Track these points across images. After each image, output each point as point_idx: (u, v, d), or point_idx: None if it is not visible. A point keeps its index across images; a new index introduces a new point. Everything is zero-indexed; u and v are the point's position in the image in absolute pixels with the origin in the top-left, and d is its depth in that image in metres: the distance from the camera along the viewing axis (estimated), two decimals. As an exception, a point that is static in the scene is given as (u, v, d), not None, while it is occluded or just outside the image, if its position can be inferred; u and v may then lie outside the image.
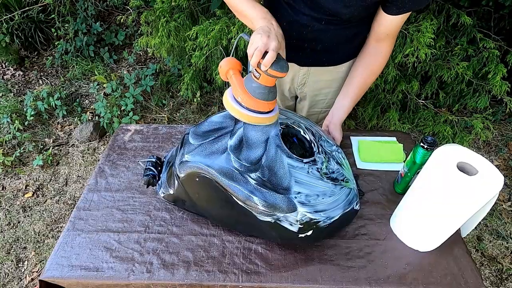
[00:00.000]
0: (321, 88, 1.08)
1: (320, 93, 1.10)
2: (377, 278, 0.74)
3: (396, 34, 0.87)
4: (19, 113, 2.30)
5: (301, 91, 1.11)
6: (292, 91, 1.14)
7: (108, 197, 0.91)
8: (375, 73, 0.94)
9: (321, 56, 0.97)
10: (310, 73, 1.04)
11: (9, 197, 1.88)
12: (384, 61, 0.92)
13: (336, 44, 0.94)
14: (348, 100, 0.97)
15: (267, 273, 0.75)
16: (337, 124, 0.98)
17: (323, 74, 1.04)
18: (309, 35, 0.90)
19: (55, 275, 0.75)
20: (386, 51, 0.90)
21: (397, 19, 0.81)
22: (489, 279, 1.51)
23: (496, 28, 1.82)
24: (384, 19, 0.82)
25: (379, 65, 0.92)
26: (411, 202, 0.78)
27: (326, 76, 1.04)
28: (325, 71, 1.02)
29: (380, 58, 0.91)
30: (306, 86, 1.08)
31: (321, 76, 1.04)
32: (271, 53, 0.63)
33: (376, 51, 0.90)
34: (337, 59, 1.00)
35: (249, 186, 0.66)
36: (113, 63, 2.71)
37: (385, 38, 0.87)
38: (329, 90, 1.08)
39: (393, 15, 0.80)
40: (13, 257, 1.61)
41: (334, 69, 1.02)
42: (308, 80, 1.06)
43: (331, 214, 0.69)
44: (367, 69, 0.93)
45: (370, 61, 0.92)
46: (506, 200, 1.82)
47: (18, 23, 2.54)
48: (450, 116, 1.82)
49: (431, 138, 0.81)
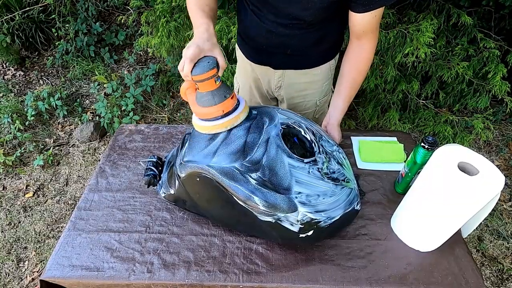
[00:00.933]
0: (298, 91, 1.09)
1: (298, 95, 1.10)
2: (378, 278, 0.74)
3: (373, 29, 0.85)
4: (20, 113, 2.30)
5: (278, 93, 1.12)
6: (270, 93, 1.15)
7: (108, 197, 0.91)
8: (363, 70, 0.93)
9: (292, 59, 0.99)
10: (285, 76, 1.05)
11: (10, 197, 1.88)
12: (369, 57, 0.91)
13: (305, 48, 0.95)
14: (341, 100, 0.97)
15: (268, 273, 0.75)
16: (334, 124, 0.98)
17: (298, 77, 1.05)
18: (276, 40, 0.92)
19: (56, 275, 0.75)
20: (368, 47, 0.89)
21: (368, 16, 0.80)
22: (490, 279, 1.51)
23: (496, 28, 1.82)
24: (355, 18, 0.82)
25: (365, 62, 0.91)
26: (412, 202, 0.78)
27: (301, 79, 1.05)
28: (300, 73, 1.03)
29: (364, 54, 0.90)
30: (282, 89, 1.09)
31: (296, 79, 1.05)
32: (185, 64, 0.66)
33: (360, 49, 0.89)
34: (309, 63, 1.01)
35: (250, 186, 0.66)
36: (113, 63, 2.71)
37: (363, 35, 0.86)
38: (306, 92, 1.09)
39: (361, 13, 0.80)
40: (14, 257, 1.61)
41: (310, 72, 1.03)
42: (284, 83, 1.07)
43: (332, 214, 0.69)
44: (354, 68, 0.93)
45: (355, 59, 0.92)
46: (507, 200, 1.82)
47: (19, 23, 2.54)
48: (450, 116, 1.82)
49: (431, 138, 0.81)
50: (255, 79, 1.11)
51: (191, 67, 0.67)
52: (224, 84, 0.71)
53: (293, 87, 1.07)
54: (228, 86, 0.72)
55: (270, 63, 1.02)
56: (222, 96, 0.69)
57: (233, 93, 0.72)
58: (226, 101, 0.70)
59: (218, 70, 0.68)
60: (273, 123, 0.75)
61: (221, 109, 0.69)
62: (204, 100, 0.70)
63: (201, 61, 0.67)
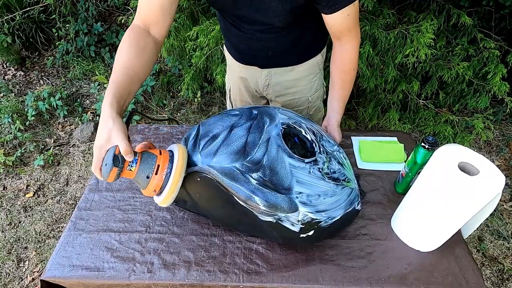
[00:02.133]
0: (286, 88, 1.09)
1: (287, 93, 1.11)
2: (378, 278, 0.74)
3: (350, 28, 0.83)
4: (20, 113, 2.30)
5: (267, 92, 1.12)
6: (259, 92, 1.15)
7: (109, 197, 0.91)
8: (349, 70, 0.92)
9: (275, 60, 1.01)
10: (271, 74, 1.06)
11: (10, 197, 1.88)
12: (352, 55, 0.90)
13: (284, 49, 0.97)
14: (336, 101, 0.98)
15: (268, 273, 0.75)
16: (334, 125, 1.00)
17: (284, 74, 1.06)
18: (257, 45, 0.95)
19: (56, 275, 0.75)
20: (350, 46, 0.88)
21: (338, 16, 0.79)
22: (490, 279, 1.51)
23: (497, 28, 1.82)
24: (327, 20, 0.82)
25: (349, 61, 0.91)
26: (412, 202, 0.78)
27: (288, 76, 1.06)
28: (286, 70, 1.04)
29: (346, 54, 0.90)
30: (270, 87, 1.09)
31: (283, 77, 1.06)
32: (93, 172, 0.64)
33: (341, 49, 0.89)
34: (292, 61, 1.02)
35: (251, 186, 0.66)
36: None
37: (341, 35, 0.86)
38: (295, 89, 1.09)
39: (329, 14, 0.79)
40: (14, 257, 1.61)
41: (295, 68, 1.04)
42: (271, 81, 1.07)
43: (332, 214, 0.69)
44: (340, 69, 0.93)
45: (339, 60, 0.92)
46: (507, 200, 1.82)
47: (19, 24, 2.54)
48: (450, 116, 1.82)
49: (432, 138, 0.81)
50: (243, 79, 1.12)
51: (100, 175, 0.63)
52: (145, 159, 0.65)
53: (281, 84, 1.08)
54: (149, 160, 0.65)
55: (256, 63, 1.04)
56: (145, 179, 0.65)
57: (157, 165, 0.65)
58: (151, 181, 0.65)
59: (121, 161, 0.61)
60: (273, 123, 0.75)
61: (151, 189, 0.66)
62: (138, 184, 0.67)
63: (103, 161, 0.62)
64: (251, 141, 0.71)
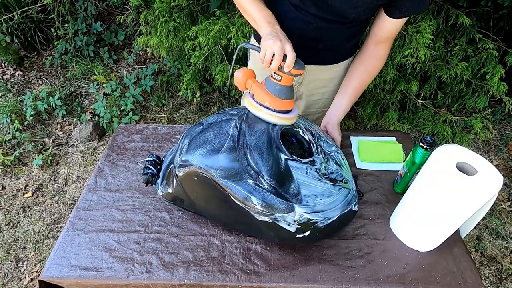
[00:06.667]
0: (318, 88, 1.09)
1: (317, 93, 1.10)
2: (376, 278, 0.74)
3: (394, 36, 0.89)
4: (19, 113, 2.30)
5: (298, 90, 1.11)
6: None
7: (107, 197, 0.91)
8: (374, 75, 0.96)
9: (321, 54, 0.99)
10: (308, 72, 1.04)
11: (9, 197, 1.88)
12: (382, 63, 0.95)
13: (337, 43, 0.96)
14: (346, 100, 0.98)
15: (267, 273, 0.75)
16: (335, 124, 0.98)
17: (320, 73, 1.04)
18: (312, 34, 0.91)
19: (54, 275, 0.75)
20: (384, 54, 0.93)
21: (399, 22, 0.84)
22: (489, 279, 1.51)
23: (495, 29, 1.82)
24: (387, 23, 0.85)
25: (378, 67, 0.95)
26: (410, 202, 0.78)
27: (323, 75, 1.05)
28: (323, 69, 1.03)
29: (379, 60, 0.94)
30: (303, 85, 1.08)
31: (318, 75, 1.05)
32: (291, 54, 0.68)
33: (376, 54, 0.92)
34: (336, 58, 1.02)
35: (247, 186, 0.66)
36: (112, 63, 2.71)
37: (385, 41, 0.90)
38: (326, 89, 1.09)
39: (396, 18, 0.83)
40: (13, 257, 1.61)
41: (332, 68, 1.03)
42: (306, 79, 1.06)
43: (329, 214, 0.69)
44: (366, 71, 0.95)
45: (369, 63, 0.94)
46: (506, 200, 1.82)
47: (18, 23, 2.54)
48: (449, 116, 1.83)
49: (430, 138, 0.81)
50: None
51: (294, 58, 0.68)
52: None
53: (315, 83, 1.07)
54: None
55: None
56: (294, 93, 0.75)
57: None
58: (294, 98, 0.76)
59: None
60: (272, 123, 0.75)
61: (294, 103, 0.76)
62: (284, 93, 0.73)
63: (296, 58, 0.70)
64: (248, 141, 0.71)
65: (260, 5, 0.82)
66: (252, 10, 0.82)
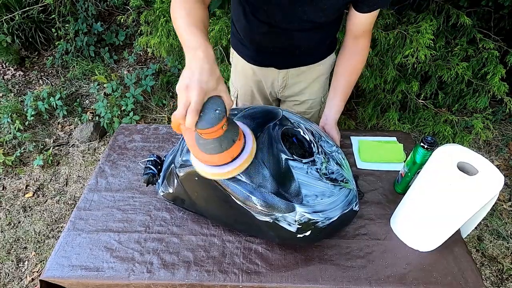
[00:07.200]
0: (303, 89, 1.09)
1: (302, 94, 1.11)
2: (377, 278, 0.74)
3: (371, 28, 0.89)
4: (20, 113, 2.30)
5: (282, 94, 1.12)
6: (273, 94, 1.14)
7: (108, 197, 0.91)
8: (358, 69, 0.95)
9: (299, 58, 1.01)
10: (289, 75, 1.05)
11: (10, 197, 1.88)
12: (364, 56, 0.94)
13: (312, 46, 0.97)
14: (337, 99, 0.97)
15: (268, 273, 0.75)
16: (332, 124, 0.97)
17: (302, 75, 1.06)
18: (285, 43, 0.94)
19: (55, 275, 0.75)
20: (364, 46, 0.92)
21: (370, 16, 0.84)
22: (490, 279, 1.51)
23: (496, 28, 1.82)
24: (358, 18, 0.85)
25: (361, 61, 0.94)
26: (411, 202, 0.78)
27: (305, 76, 1.06)
28: (304, 71, 1.04)
29: (360, 54, 0.93)
30: (287, 88, 1.09)
31: (300, 77, 1.06)
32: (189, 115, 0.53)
33: (356, 49, 0.92)
34: (314, 58, 1.03)
35: (248, 186, 0.66)
36: (113, 63, 2.71)
37: (361, 35, 0.89)
38: (311, 90, 1.10)
39: (365, 13, 0.83)
40: (14, 257, 1.61)
41: (313, 67, 1.04)
42: (288, 82, 1.07)
43: (330, 214, 0.69)
44: (350, 67, 0.95)
45: (351, 59, 0.94)
46: (507, 200, 1.82)
47: (19, 23, 2.54)
48: (450, 116, 1.83)
49: (431, 138, 0.81)
50: (257, 81, 1.10)
51: (196, 119, 0.53)
52: (232, 123, 0.60)
53: (298, 85, 1.08)
54: (235, 125, 0.62)
55: (275, 64, 1.02)
56: (231, 141, 0.59)
57: (241, 131, 0.62)
58: (235, 145, 0.60)
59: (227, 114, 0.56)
60: (272, 123, 0.75)
61: (229, 155, 0.60)
62: (208, 148, 0.59)
63: (207, 108, 0.54)
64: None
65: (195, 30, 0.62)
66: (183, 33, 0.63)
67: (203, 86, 0.54)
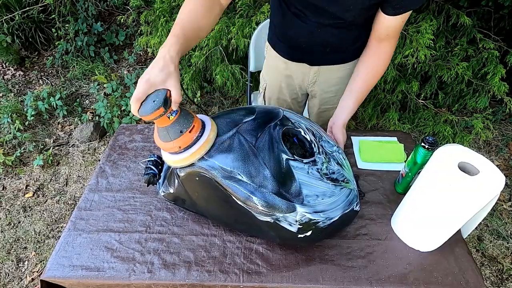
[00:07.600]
0: (331, 86, 1.11)
1: (331, 90, 1.12)
2: (378, 278, 0.74)
3: (396, 34, 0.88)
4: (20, 113, 2.30)
5: (312, 89, 1.14)
6: (303, 89, 1.16)
7: (109, 197, 0.91)
8: (379, 73, 0.95)
9: (329, 56, 1.01)
10: (320, 72, 1.07)
11: (10, 197, 1.88)
12: (387, 61, 0.93)
13: (343, 46, 0.98)
14: (352, 101, 0.96)
15: (268, 273, 0.75)
16: (339, 126, 0.96)
17: (333, 72, 1.07)
18: (317, 40, 0.94)
19: (56, 275, 0.75)
20: (388, 51, 0.91)
21: (396, 20, 0.83)
22: (490, 279, 1.51)
23: (496, 28, 1.82)
24: (383, 20, 0.84)
25: (383, 65, 0.94)
26: (412, 202, 0.78)
27: (336, 74, 1.08)
28: (335, 69, 1.06)
29: (383, 58, 0.92)
30: (317, 84, 1.11)
31: (331, 74, 1.08)
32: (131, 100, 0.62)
33: (379, 52, 0.91)
34: (344, 58, 1.04)
35: (249, 186, 0.66)
36: (113, 63, 2.71)
37: (385, 38, 0.89)
38: (339, 87, 1.10)
39: (390, 15, 0.82)
40: (14, 257, 1.61)
41: (343, 66, 1.06)
42: (319, 79, 1.09)
43: (330, 214, 0.69)
44: (371, 70, 0.94)
45: (373, 61, 0.93)
46: (507, 200, 1.82)
47: (19, 23, 2.54)
48: (450, 116, 1.83)
49: (432, 138, 0.81)
50: (288, 76, 1.12)
51: (137, 107, 0.62)
52: (184, 115, 0.67)
53: (328, 82, 1.10)
54: (188, 117, 0.67)
55: (307, 60, 1.04)
56: (178, 132, 0.65)
57: (193, 125, 0.67)
58: (183, 137, 0.66)
59: (169, 105, 0.62)
60: (272, 123, 0.75)
61: (177, 145, 0.66)
62: (161, 134, 0.67)
63: (149, 98, 0.62)
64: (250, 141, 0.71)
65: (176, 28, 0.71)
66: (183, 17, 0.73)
67: (151, 79, 0.62)
